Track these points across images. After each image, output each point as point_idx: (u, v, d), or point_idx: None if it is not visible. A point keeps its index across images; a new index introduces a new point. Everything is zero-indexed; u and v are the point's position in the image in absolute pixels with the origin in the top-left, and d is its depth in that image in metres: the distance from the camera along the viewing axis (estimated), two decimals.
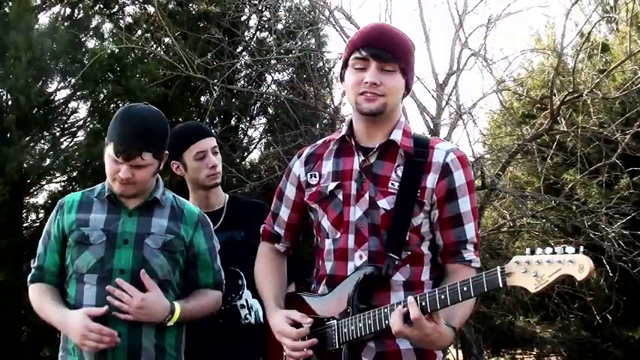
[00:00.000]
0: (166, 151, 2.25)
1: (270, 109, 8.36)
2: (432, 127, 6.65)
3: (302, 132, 6.88)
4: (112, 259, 2.16)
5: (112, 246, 2.18)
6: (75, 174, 6.29)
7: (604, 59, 7.83)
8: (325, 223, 2.01)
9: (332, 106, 7.63)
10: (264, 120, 8.58)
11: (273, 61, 7.71)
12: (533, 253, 1.59)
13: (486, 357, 9.33)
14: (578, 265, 1.51)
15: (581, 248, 1.54)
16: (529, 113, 8.13)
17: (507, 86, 7.34)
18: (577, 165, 6.56)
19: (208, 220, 2.38)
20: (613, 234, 6.30)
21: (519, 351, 10.36)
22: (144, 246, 2.19)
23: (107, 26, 7.13)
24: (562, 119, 6.52)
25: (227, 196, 2.83)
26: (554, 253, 1.56)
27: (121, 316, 2.10)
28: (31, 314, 2.25)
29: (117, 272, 2.16)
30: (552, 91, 6.24)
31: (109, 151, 2.17)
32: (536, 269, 1.57)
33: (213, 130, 7.91)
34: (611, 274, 6.49)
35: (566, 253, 1.54)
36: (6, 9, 5.90)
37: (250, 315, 2.62)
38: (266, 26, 8.16)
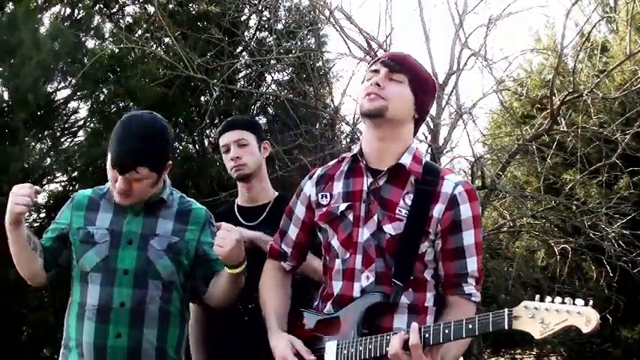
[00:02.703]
0: (169, 162, 2.22)
1: (270, 109, 8.35)
2: (432, 127, 6.66)
3: (302, 132, 6.88)
4: (116, 259, 2.17)
5: (115, 245, 2.18)
6: (76, 174, 6.29)
7: (604, 59, 7.82)
8: (335, 243, 2.01)
9: (332, 106, 7.64)
10: (264, 120, 8.56)
11: (273, 61, 7.70)
12: (542, 300, 1.62)
13: (486, 357, 9.33)
14: (586, 318, 1.54)
15: (590, 302, 1.57)
16: (529, 113, 8.13)
17: (507, 86, 7.34)
18: (577, 165, 6.56)
19: (213, 221, 2.36)
20: (613, 234, 6.30)
21: (519, 351, 10.36)
22: (148, 247, 2.19)
23: (107, 26, 7.15)
24: (562, 119, 6.52)
25: (277, 193, 2.85)
26: (563, 302, 1.58)
27: (217, 250, 2.07)
28: (31, 314, 2.25)
29: (121, 272, 2.16)
30: (552, 91, 6.24)
31: (109, 159, 2.16)
32: (543, 316, 1.59)
33: (213, 131, 8.00)
34: (611, 274, 6.49)
35: (575, 304, 1.57)
36: (8, 8, 5.90)
37: None
38: (266, 26, 8.15)
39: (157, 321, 2.18)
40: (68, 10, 6.79)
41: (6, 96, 5.85)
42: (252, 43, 7.99)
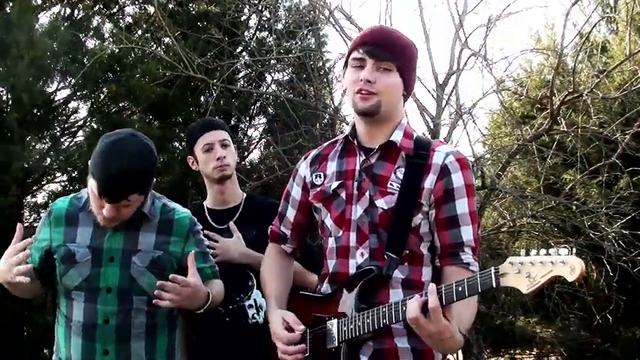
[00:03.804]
0: (154, 179, 2.15)
1: (270, 109, 8.35)
2: (432, 127, 6.65)
3: (302, 132, 6.88)
4: (98, 278, 2.13)
5: (97, 264, 2.14)
6: (76, 174, 6.29)
7: (604, 59, 7.82)
8: (328, 221, 2.03)
9: (332, 106, 7.63)
10: (264, 120, 8.58)
11: (273, 61, 7.70)
12: (527, 254, 1.60)
13: (486, 357, 9.33)
14: (570, 266, 1.52)
15: (574, 250, 1.55)
16: (529, 113, 8.14)
17: (507, 86, 7.34)
18: (577, 165, 6.56)
19: (198, 226, 2.31)
20: (613, 234, 6.30)
21: (519, 351, 10.36)
22: (131, 264, 2.14)
23: (107, 26, 7.15)
24: (562, 119, 6.52)
25: (245, 194, 2.83)
26: (547, 254, 1.56)
27: (161, 303, 2.03)
28: (35, 315, 2.26)
29: (104, 290, 2.13)
30: (552, 91, 6.24)
31: (93, 186, 2.04)
32: (529, 270, 1.57)
33: None
34: (611, 274, 6.49)
35: (559, 254, 1.55)
36: (7, 9, 5.90)
37: (258, 315, 2.61)
38: (266, 26, 8.15)
39: (144, 334, 2.16)
40: (68, 11, 6.79)
41: (4, 96, 5.85)
42: (252, 43, 7.98)
